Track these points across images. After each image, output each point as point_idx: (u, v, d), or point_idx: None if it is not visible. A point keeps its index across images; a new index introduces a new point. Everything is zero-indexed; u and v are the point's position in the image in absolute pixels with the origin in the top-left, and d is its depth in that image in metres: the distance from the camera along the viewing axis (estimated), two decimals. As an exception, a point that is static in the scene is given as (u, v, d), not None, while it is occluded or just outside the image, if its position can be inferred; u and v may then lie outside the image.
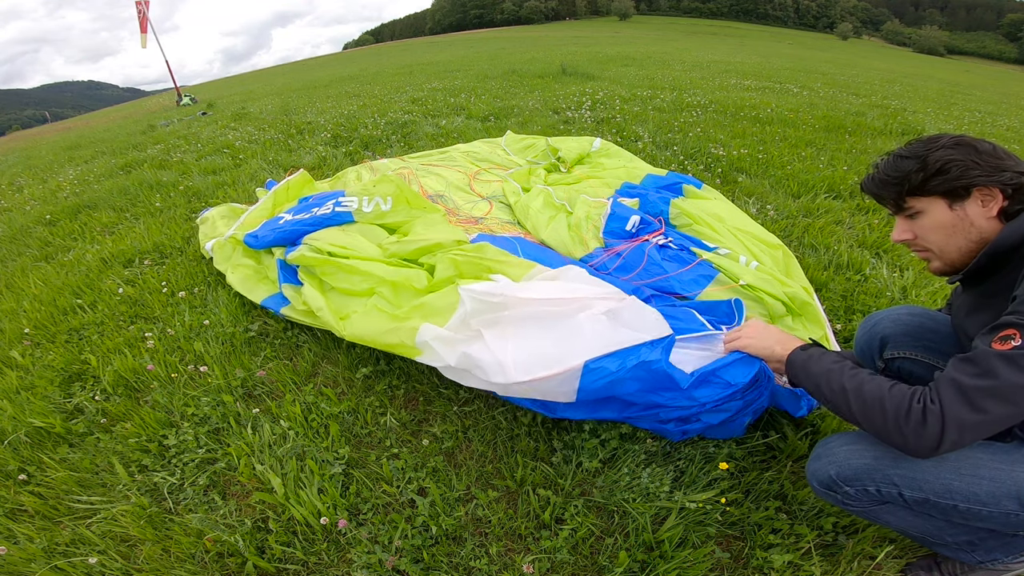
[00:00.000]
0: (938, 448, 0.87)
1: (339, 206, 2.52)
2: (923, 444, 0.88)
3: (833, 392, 1.04)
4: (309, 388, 1.88)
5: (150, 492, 1.55)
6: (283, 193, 3.04)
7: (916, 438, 0.89)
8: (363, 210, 2.49)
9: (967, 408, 0.85)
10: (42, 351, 2.27)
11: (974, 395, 0.85)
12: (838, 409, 1.03)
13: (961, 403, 0.86)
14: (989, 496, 0.94)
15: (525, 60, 13.70)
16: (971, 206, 1.01)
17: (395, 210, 2.53)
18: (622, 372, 1.35)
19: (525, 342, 1.47)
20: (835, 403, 1.03)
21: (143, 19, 12.56)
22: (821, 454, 1.12)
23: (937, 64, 38.67)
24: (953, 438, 0.86)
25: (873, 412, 0.95)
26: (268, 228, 2.57)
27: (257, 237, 2.52)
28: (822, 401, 1.09)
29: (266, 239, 2.49)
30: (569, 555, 1.31)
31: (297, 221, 2.49)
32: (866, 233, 2.89)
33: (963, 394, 0.86)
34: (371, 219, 2.48)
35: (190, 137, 6.75)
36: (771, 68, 13.54)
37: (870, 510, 1.09)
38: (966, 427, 0.86)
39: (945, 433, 0.86)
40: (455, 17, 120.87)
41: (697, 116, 5.91)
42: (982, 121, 7.92)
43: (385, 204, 2.53)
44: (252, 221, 2.81)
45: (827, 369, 1.07)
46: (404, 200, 2.58)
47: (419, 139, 5.31)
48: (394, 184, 2.61)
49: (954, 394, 0.87)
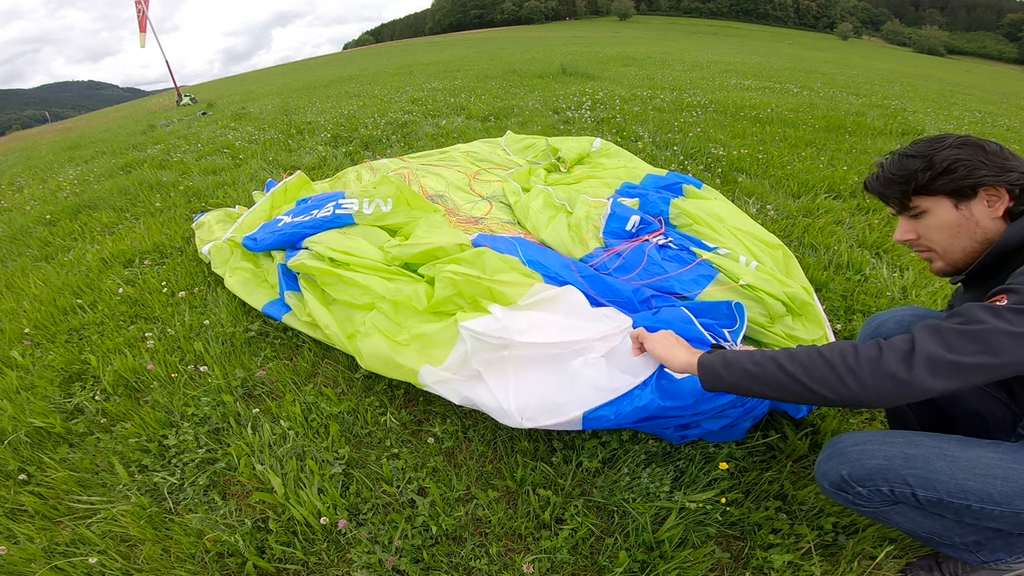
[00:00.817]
0: (907, 384, 0.81)
1: (339, 208, 2.49)
2: (884, 378, 0.82)
3: (761, 367, 0.97)
4: (309, 388, 1.88)
5: (150, 492, 1.55)
6: (280, 195, 3.02)
7: (874, 373, 0.83)
8: (364, 212, 2.47)
9: (941, 346, 0.81)
10: (42, 351, 2.27)
11: (950, 335, 0.82)
12: (772, 384, 0.97)
13: (935, 341, 0.82)
14: (1002, 496, 0.93)
15: (525, 60, 13.69)
16: (977, 206, 1.00)
17: (396, 211, 2.51)
18: (619, 419, 1.39)
19: (527, 386, 1.48)
20: (767, 379, 0.97)
21: (142, 19, 12.55)
22: (832, 455, 1.10)
23: (937, 64, 38.67)
24: (923, 373, 0.81)
25: (816, 367, 0.90)
26: (267, 230, 2.55)
27: (256, 240, 2.50)
28: (753, 387, 1.01)
29: (265, 241, 2.46)
30: (569, 555, 1.31)
31: (297, 224, 2.46)
32: (866, 233, 2.89)
33: (938, 333, 0.83)
34: (372, 221, 2.46)
35: (190, 137, 6.75)
36: (771, 68, 13.54)
37: (881, 511, 1.08)
38: (936, 362, 0.80)
39: (914, 362, 0.81)
40: (455, 17, 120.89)
41: (697, 116, 5.91)
42: (982, 121, 7.92)
43: (386, 205, 2.50)
44: (250, 223, 2.80)
45: (747, 353, 1.03)
46: (405, 201, 2.56)
47: (419, 139, 5.31)
48: (394, 185, 2.59)
49: (928, 332, 0.83)
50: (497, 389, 1.49)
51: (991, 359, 0.81)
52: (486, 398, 1.50)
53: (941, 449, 0.98)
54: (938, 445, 0.99)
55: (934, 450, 0.98)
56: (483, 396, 1.51)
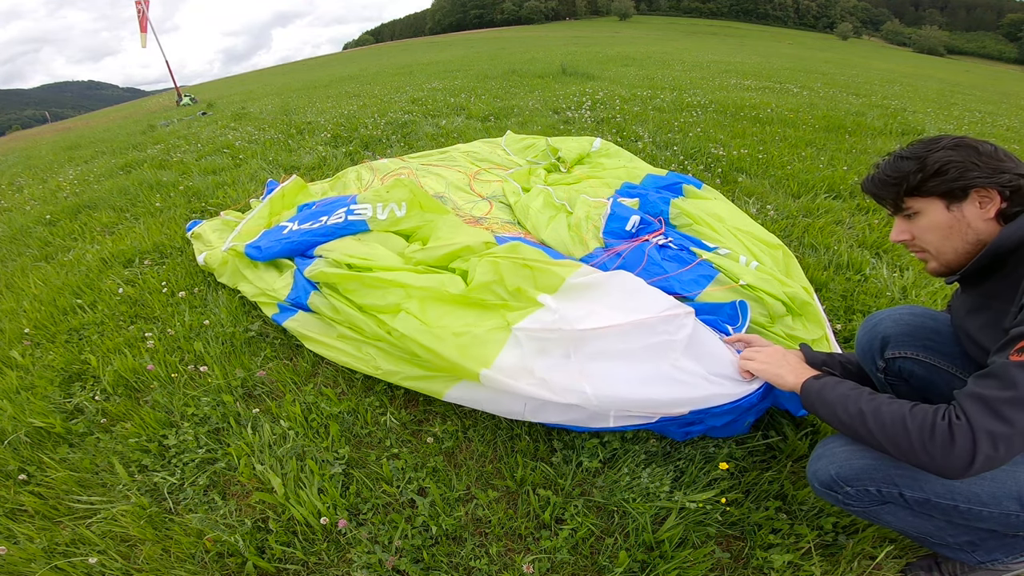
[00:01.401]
0: (972, 463, 0.84)
1: (352, 214, 2.38)
2: (954, 461, 0.86)
3: (851, 416, 1.01)
4: (309, 388, 1.88)
5: (150, 492, 1.55)
6: (279, 201, 2.96)
7: (945, 456, 0.86)
8: (378, 217, 2.37)
9: (994, 420, 0.83)
10: (42, 351, 2.27)
11: (999, 406, 0.83)
12: (857, 434, 1.01)
13: (988, 415, 0.84)
14: (990, 497, 0.94)
15: (525, 60, 13.69)
16: (968, 207, 1.01)
17: (409, 215, 2.42)
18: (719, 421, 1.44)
19: (608, 383, 1.42)
20: (854, 427, 1.01)
21: (143, 18, 12.55)
22: (822, 454, 1.12)
23: (937, 64, 38.66)
24: (987, 452, 0.83)
25: (895, 433, 0.93)
26: (271, 238, 2.44)
27: (260, 248, 2.38)
28: (839, 427, 1.06)
29: (271, 250, 2.35)
30: (569, 555, 1.31)
31: (306, 231, 2.35)
32: (866, 233, 2.89)
33: (988, 406, 0.84)
34: (386, 226, 2.37)
35: (190, 137, 6.75)
36: (771, 68, 13.54)
37: (871, 510, 1.09)
38: (998, 438, 0.83)
39: (977, 446, 0.83)
40: (455, 17, 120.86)
41: (697, 116, 5.91)
42: (982, 121, 7.92)
43: (400, 210, 2.41)
44: (249, 231, 2.70)
45: (843, 395, 1.05)
46: (418, 205, 2.47)
47: (419, 139, 5.31)
48: (407, 188, 2.50)
49: (979, 407, 0.85)
50: (567, 390, 1.42)
51: None
52: (561, 415, 1.47)
53: None
54: None
55: None
56: (556, 414, 1.48)
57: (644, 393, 1.39)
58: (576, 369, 1.45)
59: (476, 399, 1.60)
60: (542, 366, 1.48)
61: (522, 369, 1.49)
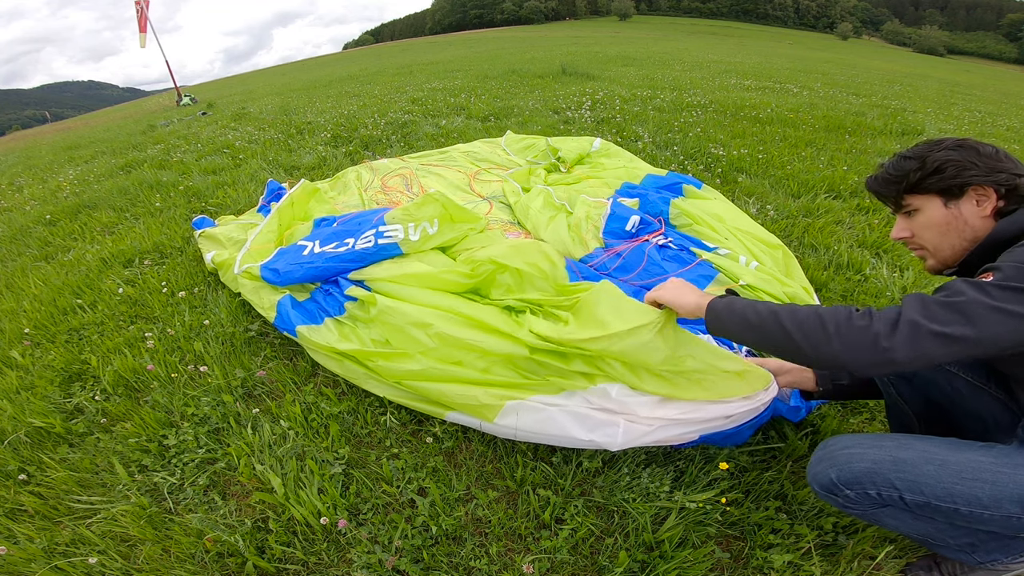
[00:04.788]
0: (889, 349, 0.83)
1: (382, 237, 2.16)
2: (869, 342, 0.85)
3: (761, 318, 1.01)
4: (309, 388, 1.88)
5: (150, 492, 1.55)
6: (288, 211, 2.74)
7: (862, 335, 0.86)
8: (410, 239, 2.16)
9: (925, 316, 0.84)
10: (42, 351, 2.27)
11: (934, 306, 0.84)
12: (767, 333, 1.00)
13: (920, 310, 0.84)
14: (991, 499, 0.94)
15: (525, 60, 13.69)
16: (965, 205, 1.04)
17: (442, 230, 2.24)
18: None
19: (634, 439, 1.42)
20: (764, 328, 1.00)
21: (142, 18, 12.54)
22: (821, 457, 1.12)
23: (937, 64, 38.66)
24: (903, 341, 0.83)
25: (810, 325, 0.93)
26: (290, 260, 2.21)
27: (279, 272, 2.16)
28: (749, 334, 1.05)
29: (292, 275, 2.13)
30: (569, 555, 1.31)
31: (332, 256, 2.13)
32: (866, 233, 2.89)
33: (923, 303, 0.85)
34: (419, 247, 2.18)
35: (190, 137, 6.74)
36: (771, 68, 13.54)
37: (871, 513, 1.09)
38: (921, 331, 0.82)
39: (898, 328, 0.83)
40: (455, 17, 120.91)
41: (697, 116, 5.91)
42: (982, 121, 7.92)
43: (432, 227, 2.22)
44: (260, 248, 2.47)
45: (751, 303, 1.06)
46: (448, 218, 2.28)
47: (419, 139, 5.31)
48: (439, 203, 2.29)
49: (914, 302, 0.86)
50: (592, 441, 1.43)
51: (970, 331, 0.82)
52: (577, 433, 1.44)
53: (930, 453, 0.99)
54: (928, 449, 1.00)
55: (923, 454, 0.99)
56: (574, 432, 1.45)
57: (662, 434, 1.42)
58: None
59: (472, 422, 1.61)
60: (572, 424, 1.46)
61: (548, 422, 1.47)
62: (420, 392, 1.64)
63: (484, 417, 1.53)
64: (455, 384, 1.57)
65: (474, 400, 1.52)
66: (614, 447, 1.41)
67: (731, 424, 1.42)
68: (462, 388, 1.56)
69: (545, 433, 1.48)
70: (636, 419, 1.41)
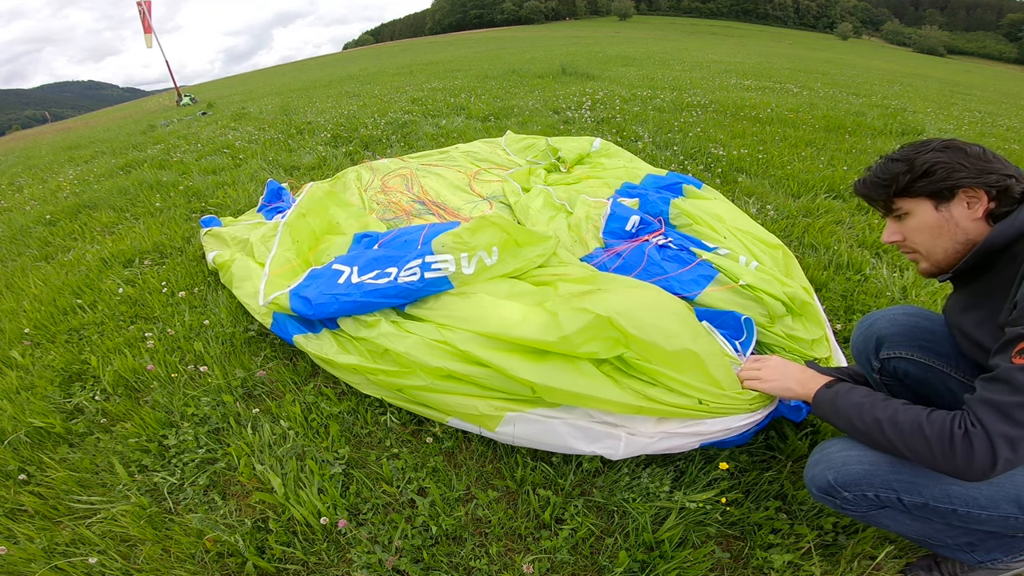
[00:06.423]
0: (994, 467, 0.86)
1: (429, 270, 1.87)
2: (975, 467, 0.87)
3: (867, 425, 1.02)
4: (309, 388, 1.88)
5: (150, 492, 1.55)
6: (299, 223, 2.50)
7: (967, 462, 0.88)
8: (463, 272, 1.88)
9: (1009, 424, 0.85)
10: (42, 351, 2.27)
11: (1011, 410, 0.85)
12: (874, 441, 1.02)
13: (1001, 420, 0.85)
14: (988, 500, 0.94)
15: (525, 60, 13.70)
16: (956, 207, 1.02)
17: (503, 260, 1.95)
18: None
19: (638, 449, 1.46)
20: (870, 435, 1.02)
21: (145, 20, 12.55)
22: (819, 460, 1.12)
23: (937, 64, 38.65)
24: (1006, 455, 0.85)
25: (915, 442, 0.94)
26: (324, 289, 1.94)
27: (310, 303, 1.90)
28: (854, 436, 1.08)
29: (326, 308, 1.86)
30: (569, 555, 1.31)
31: (372, 290, 1.86)
32: (866, 233, 2.89)
33: (1000, 411, 0.86)
34: (475, 280, 1.90)
35: (190, 137, 6.74)
36: (771, 68, 13.54)
37: (869, 514, 1.09)
38: (1015, 441, 0.85)
39: (997, 451, 0.85)
40: (455, 17, 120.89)
41: (697, 116, 5.91)
42: (982, 121, 7.91)
43: (490, 257, 1.93)
44: (281, 271, 2.24)
45: (857, 403, 1.06)
46: (512, 243, 1.98)
47: (419, 139, 5.31)
48: (498, 228, 1.97)
49: (992, 413, 0.87)
50: (594, 451, 1.46)
51: None
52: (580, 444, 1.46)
53: None
54: None
55: None
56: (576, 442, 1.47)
57: (664, 445, 1.43)
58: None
59: (472, 428, 1.61)
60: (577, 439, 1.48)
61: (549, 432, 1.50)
62: (421, 400, 1.66)
63: (484, 426, 1.55)
64: (456, 396, 1.58)
65: (474, 410, 1.54)
66: (616, 457, 1.44)
67: (733, 434, 1.44)
68: (462, 399, 1.57)
69: (546, 443, 1.51)
70: (638, 432, 1.43)
